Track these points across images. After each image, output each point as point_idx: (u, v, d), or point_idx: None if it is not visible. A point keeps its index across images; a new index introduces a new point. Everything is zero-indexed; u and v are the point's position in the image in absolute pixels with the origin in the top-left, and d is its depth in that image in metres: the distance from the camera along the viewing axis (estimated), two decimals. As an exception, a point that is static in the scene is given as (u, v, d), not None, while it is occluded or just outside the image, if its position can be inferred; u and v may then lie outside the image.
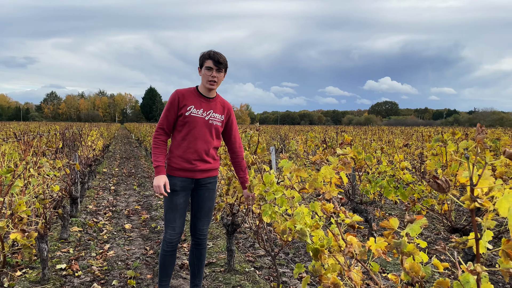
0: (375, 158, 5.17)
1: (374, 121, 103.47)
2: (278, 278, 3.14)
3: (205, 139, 2.92)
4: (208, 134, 2.94)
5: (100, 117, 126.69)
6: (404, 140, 8.44)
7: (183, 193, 2.96)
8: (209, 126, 2.93)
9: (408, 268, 1.35)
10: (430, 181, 1.20)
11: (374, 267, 1.60)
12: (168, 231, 2.98)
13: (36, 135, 3.41)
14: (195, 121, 2.88)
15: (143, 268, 4.06)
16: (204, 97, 2.95)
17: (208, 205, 3.09)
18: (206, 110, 2.93)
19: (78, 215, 6.04)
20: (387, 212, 6.56)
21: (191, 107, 2.88)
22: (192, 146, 2.90)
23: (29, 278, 3.68)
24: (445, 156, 3.72)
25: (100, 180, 9.94)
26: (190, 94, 2.93)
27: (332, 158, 2.02)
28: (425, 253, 1.49)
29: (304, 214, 2.15)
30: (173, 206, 2.93)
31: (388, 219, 1.51)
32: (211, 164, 3.02)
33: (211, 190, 3.09)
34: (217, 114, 2.98)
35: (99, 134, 12.61)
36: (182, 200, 2.96)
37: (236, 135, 3.15)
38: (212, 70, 2.85)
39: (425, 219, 1.36)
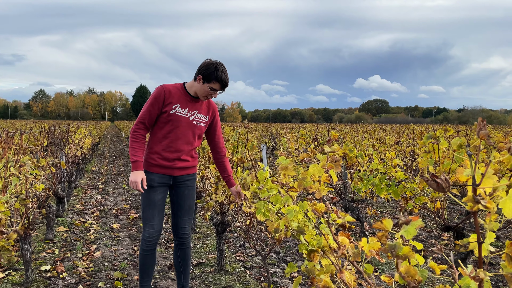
0: (367, 155, 5.12)
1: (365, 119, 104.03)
2: (269, 278, 3.06)
3: (187, 140, 2.85)
4: (191, 135, 2.87)
5: (90, 115, 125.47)
6: (395, 138, 8.42)
7: (161, 189, 2.88)
8: (193, 127, 2.86)
9: (403, 272, 1.28)
10: (429, 180, 1.13)
11: (368, 269, 1.53)
12: (146, 229, 2.89)
13: (16, 131, 3.29)
14: (179, 121, 2.78)
15: (131, 269, 3.96)
16: (190, 97, 2.84)
17: (188, 203, 3.02)
18: (191, 110, 2.83)
19: (64, 214, 5.91)
20: (379, 210, 6.53)
21: (177, 106, 2.77)
22: (173, 145, 2.82)
23: (12, 280, 3.56)
24: (437, 153, 3.68)
25: (88, 179, 9.78)
26: (177, 91, 2.80)
27: (321, 156, 1.95)
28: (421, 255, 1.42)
29: (297, 212, 2.08)
30: (151, 203, 2.85)
31: (381, 219, 1.44)
32: (190, 162, 2.95)
33: (190, 187, 3.01)
34: (201, 114, 2.90)
35: (87, 132, 12.42)
36: (160, 196, 2.88)
37: (219, 135, 3.09)
38: (216, 92, 2.77)
39: (421, 220, 1.29)
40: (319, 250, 1.83)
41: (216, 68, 2.68)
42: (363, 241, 1.56)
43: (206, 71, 2.69)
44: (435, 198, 3.71)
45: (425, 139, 3.75)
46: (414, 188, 4.08)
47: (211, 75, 2.68)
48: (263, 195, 2.49)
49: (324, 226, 1.70)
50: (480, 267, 1.09)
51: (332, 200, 1.53)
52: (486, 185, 1.05)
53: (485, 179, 1.05)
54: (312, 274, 1.84)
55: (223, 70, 2.71)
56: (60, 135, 9.04)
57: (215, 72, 2.67)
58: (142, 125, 2.78)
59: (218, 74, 2.68)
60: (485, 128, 1.09)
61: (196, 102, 2.85)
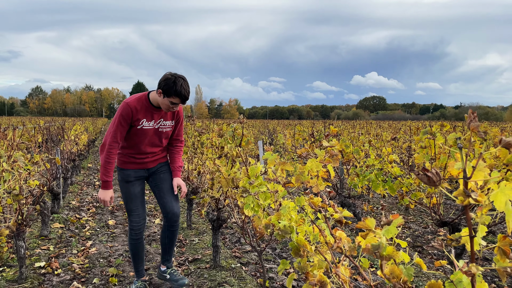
0: (363, 151, 5.11)
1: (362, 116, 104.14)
2: (264, 274, 3.05)
3: (154, 144, 3.06)
4: (157, 140, 3.06)
5: (87, 112, 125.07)
6: (392, 134, 8.41)
7: (138, 182, 3.11)
8: (159, 133, 3.04)
9: (388, 274, 1.25)
10: (419, 174, 1.11)
11: (364, 263, 1.52)
12: (132, 219, 3.11)
13: (8, 127, 3.26)
14: (146, 133, 2.96)
15: (126, 266, 3.94)
16: (155, 108, 2.94)
17: (168, 184, 3.18)
18: (156, 120, 2.97)
19: (60, 211, 5.87)
20: (375, 206, 6.53)
21: (143, 121, 2.90)
22: (142, 150, 3.04)
23: (6, 277, 3.53)
24: (433, 149, 3.67)
25: (84, 175, 9.74)
26: (142, 107, 2.89)
27: (319, 151, 1.93)
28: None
29: (290, 209, 2.06)
30: (132, 196, 3.07)
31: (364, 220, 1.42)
32: (160, 154, 3.17)
33: (166, 172, 3.19)
34: (167, 121, 3.04)
35: (83, 128, 12.36)
36: (139, 188, 3.11)
37: (180, 132, 3.24)
38: (176, 105, 2.86)
39: (401, 218, 1.26)
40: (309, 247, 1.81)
41: (175, 82, 2.71)
42: (360, 235, 1.54)
43: (165, 85, 2.73)
44: (431, 194, 3.71)
45: (421, 134, 3.74)
46: (410, 184, 4.07)
47: (170, 89, 2.72)
48: (253, 190, 2.47)
49: (321, 221, 1.68)
50: (472, 261, 1.07)
51: (329, 194, 1.50)
52: (477, 178, 1.03)
53: (476, 172, 1.02)
54: (305, 270, 1.83)
55: (183, 84, 2.74)
56: (55, 132, 8.98)
57: (173, 86, 2.71)
58: (116, 144, 2.89)
59: (177, 89, 2.71)
60: (475, 120, 1.07)
61: (161, 111, 2.97)
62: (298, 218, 2.04)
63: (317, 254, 1.82)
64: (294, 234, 1.92)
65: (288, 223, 1.95)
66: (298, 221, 2.04)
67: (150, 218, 5.76)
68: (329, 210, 1.67)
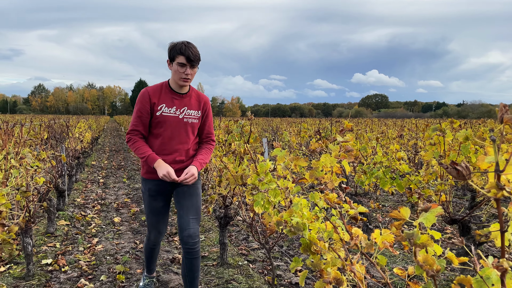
0: (370, 148, 5.07)
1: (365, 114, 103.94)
2: (273, 271, 3.03)
3: (181, 140, 2.68)
4: (184, 134, 2.69)
5: (89, 110, 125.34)
6: (397, 132, 8.37)
7: (161, 198, 2.77)
8: (185, 125, 2.69)
9: (421, 261, 1.24)
10: (448, 168, 1.09)
11: (381, 261, 1.49)
12: (152, 233, 2.89)
13: (16, 123, 3.24)
14: (168, 121, 2.63)
15: (133, 263, 3.92)
16: (176, 94, 2.68)
17: (192, 201, 2.74)
18: (179, 107, 2.67)
19: (65, 208, 5.87)
20: (382, 204, 6.50)
21: (162, 106, 2.62)
22: (166, 147, 2.66)
23: (13, 274, 3.52)
24: (443, 145, 3.63)
25: (88, 173, 9.73)
26: (160, 91, 2.65)
27: (333, 146, 1.90)
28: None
29: (302, 206, 2.03)
30: (153, 210, 2.79)
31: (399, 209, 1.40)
32: (186, 162, 2.76)
33: (192, 186, 2.77)
34: (192, 110, 2.72)
35: (87, 126, 12.36)
36: (162, 203, 2.79)
37: (209, 130, 2.89)
38: (185, 67, 2.55)
39: (440, 208, 1.25)
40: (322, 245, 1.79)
41: (176, 43, 2.58)
42: (376, 232, 1.52)
43: (169, 52, 2.60)
44: (440, 191, 3.68)
45: (430, 131, 3.70)
46: (418, 181, 4.04)
47: (172, 52, 2.57)
48: (263, 187, 2.45)
49: (335, 218, 1.65)
50: (503, 256, 1.05)
51: (345, 190, 1.48)
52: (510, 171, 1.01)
53: (510, 166, 1.00)
54: (319, 268, 1.80)
55: (184, 43, 2.55)
56: (60, 129, 8.98)
57: (175, 47, 2.55)
58: (137, 133, 2.66)
59: (177, 47, 2.54)
60: (508, 112, 1.04)
61: (183, 98, 2.69)
62: (310, 215, 2.01)
63: (331, 251, 1.79)
64: (306, 231, 1.90)
65: (300, 220, 1.92)
66: (310, 218, 2.01)
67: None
68: (345, 207, 1.64)
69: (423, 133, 6.36)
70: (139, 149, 2.60)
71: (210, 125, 2.88)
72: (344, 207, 1.56)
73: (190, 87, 2.76)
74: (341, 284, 1.61)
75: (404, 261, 4.15)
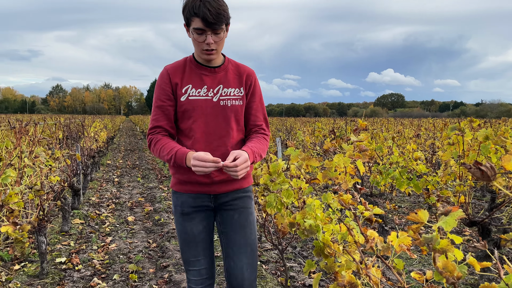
0: (386, 148, 4.98)
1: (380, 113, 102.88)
2: (286, 272, 2.98)
3: (219, 133, 1.86)
4: (224, 124, 1.87)
5: (105, 110, 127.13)
6: (414, 131, 8.23)
7: (200, 217, 1.94)
8: (223, 110, 1.86)
9: (441, 268, 1.18)
10: (471, 168, 1.02)
11: (398, 264, 1.43)
12: (190, 277, 1.97)
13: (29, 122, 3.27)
14: (198, 108, 1.84)
15: (146, 262, 3.92)
16: (205, 68, 1.88)
17: (244, 234, 1.96)
18: (212, 86, 1.86)
19: (80, 207, 5.92)
20: (397, 205, 6.38)
21: (188, 87, 1.84)
22: (201, 146, 1.85)
23: (27, 272, 3.55)
24: (461, 145, 3.53)
25: (103, 172, 9.83)
26: (183, 67, 1.89)
27: (346, 146, 1.84)
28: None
29: (315, 207, 1.98)
30: (189, 238, 1.94)
31: (416, 212, 1.34)
32: None
33: (243, 209, 1.97)
34: (231, 88, 1.89)
35: (102, 125, 12.49)
36: (201, 227, 1.95)
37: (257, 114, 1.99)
38: (203, 34, 1.75)
39: (461, 211, 1.18)
40: (336, 247, 1.73)
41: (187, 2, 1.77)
42: (393, 235, 1.46)
43: (183, 12, 1.81)
44: (459, 192, 3.57)
45: (449, 130, 3.60)
46: (436, 182, 3.94)
47: (185, 13, 1.78)
48: (275, 188, 2.40)
49: (349, 219, 1.60)
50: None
51: (360, 191, 1.42)
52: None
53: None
54: (333, 271, 1.75)
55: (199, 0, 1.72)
56: (75, 129, 9.08)
57: (186, 7, 1.76)
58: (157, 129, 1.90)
59: (190, 5, 1.73)
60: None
61: (217, 73, 1.89)
62: (324, 216, 1.96)
63: (345, 254, 1.74)
64: (320, 233, 1.84)
65: (314, 222, 1.87)
66: (324, 219, 1.96)
67: (169, 214, 5.74)
68: (359, 208, 1.58)
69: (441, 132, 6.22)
70: (163, 149, 1.81)
71: (257, 109, 1.98)
72: (359, 208, 1.50)
73: (225, 57, 1.95)
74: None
75: (421, 264, 4.05)
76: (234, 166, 1.67)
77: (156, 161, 12.17)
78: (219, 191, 1.93)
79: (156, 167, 10.88)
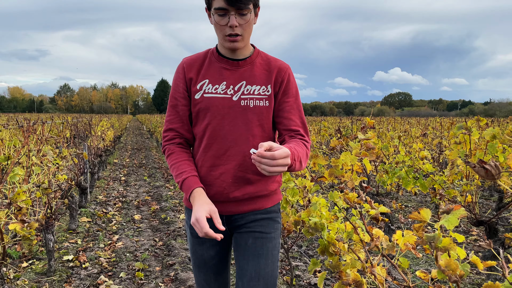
0: (392, 147, 4.96)
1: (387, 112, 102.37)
2: (292, 271, 2.98)
3: (236, 140, 1.55)
4: (242, 129, 1.54)
5: (113, 109, 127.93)
6: (420, 130, 8.18)
7: (212, 241, 1.66)
8: (244, 112, 1.55)
9: (443, 266, 1.18)
10: (476, 167, 1.02)
11: (403, 263, 1.43)
12: None
13: (37, 121, 3.30)
14: (212, 107, 1.54)
15: (152, 260, 3.94)
16: (228, 61, 1.58)
17: (255, 264, 1.60)
18: (233, 83, 1.56)
19: (87, 205, 5.96)
20: (404, 204, 6.35)
21: (204, 83, 1.56)
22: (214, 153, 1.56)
23: (35, 269, 3.59)
24: (468, 144, 3.51)
25: (110, 171, 9.89)
26: (202, 60, 1.61)
27: (353, 144, 1.84)
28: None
29: (320, 205, 1.98)
30: (199, 262, 1.69)
31: (419, 211, 1.34)
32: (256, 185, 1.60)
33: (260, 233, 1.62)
34: (256, 86, 1.57)
35: (109, 124, 12.57)
36: (213, 252, 1.67)
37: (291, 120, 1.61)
38: (226, 14, 1.46)
39: (463, 209, 1.18)
40: (341, 245, 1.73)
41: None
42: (398, 234, 1.46)
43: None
44: (466, 192, 3.55)
45: (455, 129, 3.58)
46: (443, 181, 3.92)
47: None
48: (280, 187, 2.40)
49: (355, 218, 1.60)
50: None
51: (366, 190, 1.42)
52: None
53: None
54: (338, 269, 1.75)
55: None
56: (83, 128, 9.15)
57: None
58: (170, 133, 1.64)
59: None
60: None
61: (241, 67, 1.58)
62: (329, 215, 1.96)
63: (350, 252, 1.74)
64: (325, 232, 1.84)
65: (319, 220, 1.87)
66: (329, 218, 1.96)
67: (175, 213, 5.77)
68: (365, 207, 1.58)
69: (448, 131, 6.18)
70: (173, 168, 1.58)
71: (292, 111, 1.61)
72: (365, 207, 1.50)
73: (255, 49, 1.64)
74: (361, 287, 1.55)
75: (427, 264, 4.03)
76: (271, 157, 1.24)
77: (162, 160, 12.22)
78: (234, 211, 1.61)
79: (162, 166, 10.93)
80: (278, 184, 1.71)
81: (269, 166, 1.25)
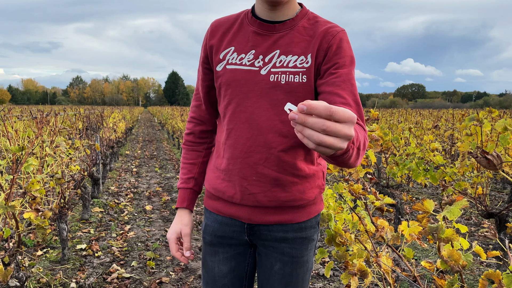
0: (403, 139, 4.93)
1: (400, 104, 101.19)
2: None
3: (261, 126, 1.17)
4: (270, 112, 1.16)
5: (124, 101, 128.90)
6: (432, 122, 8.10)
7: (226, 253, 1.32)
8: (272, 90, 1.16)
9: (446, 256, 1.19)
10: (478, 157, 1.03)
11: (408, 253, 1.44)
12: None
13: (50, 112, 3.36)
14: (234, 83, 1.20)
15: (163, 250, 4.01)
16: (261, 23, 1.20)
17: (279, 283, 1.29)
18: (264, 52, 1.18)
19: (99, 196, 6.06)
20: (414, 196, 6.32)
21: (228, 51, 1.21)
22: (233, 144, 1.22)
23: (49, 258, 3.68)
24: (480, 136, 3.47)
25: (122, 162, 10.01)
26: (231, 24, 1.25)
27: (360, 135, 1.85)
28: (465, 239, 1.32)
29: (327, 196, 2.00)
30: (208, 279, 1.36)
31: (422, 202, 1.35)
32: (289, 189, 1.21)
33: (290, 257, 1.27)
34: (293, 55, 1.16)
35: (121, 116, 12.69)
36: (225, 268, 1.32)
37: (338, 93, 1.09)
38: None
39: (465, 200, 1.19)
40: (348, 235, 1.75)
41: None
42: (403, 224, 1.47)
43: None
44: (476, 184, 3.53)
45: (467, 121, 3.55)
46: (454, 173, 3.89)
47: None
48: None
49: (360, 209, 1.61)
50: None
51: (371, 181, 1.43)
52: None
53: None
54: (344, 259, 1.77)
55: None
56: (95, 119, 9.26)
57: None
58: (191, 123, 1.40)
59: None
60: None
61: (278, 32, 1.18)
62: (336, 206, 1.97)
63: (357, 243, 1.76)
64: (332, 222, 1.86)
65: (326, 211, 1.89)
66: (336, 208, 1.98)
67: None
68: (370, 198, 1.59)
69: (460, 123, 6.12)
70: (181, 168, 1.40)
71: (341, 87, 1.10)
72: (370, 198, 1.51)
73: (302, 8, 1.23)
74: (366, 276, 1.57)
75: (436, 255, 4.02)
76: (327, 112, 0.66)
77: (173, 152, 12.32)
78: (256, 221, 1.24)
79: (173, 158, 11.02)
80: (319, 190, 1.28)
81: (320, 129, 0.66)
